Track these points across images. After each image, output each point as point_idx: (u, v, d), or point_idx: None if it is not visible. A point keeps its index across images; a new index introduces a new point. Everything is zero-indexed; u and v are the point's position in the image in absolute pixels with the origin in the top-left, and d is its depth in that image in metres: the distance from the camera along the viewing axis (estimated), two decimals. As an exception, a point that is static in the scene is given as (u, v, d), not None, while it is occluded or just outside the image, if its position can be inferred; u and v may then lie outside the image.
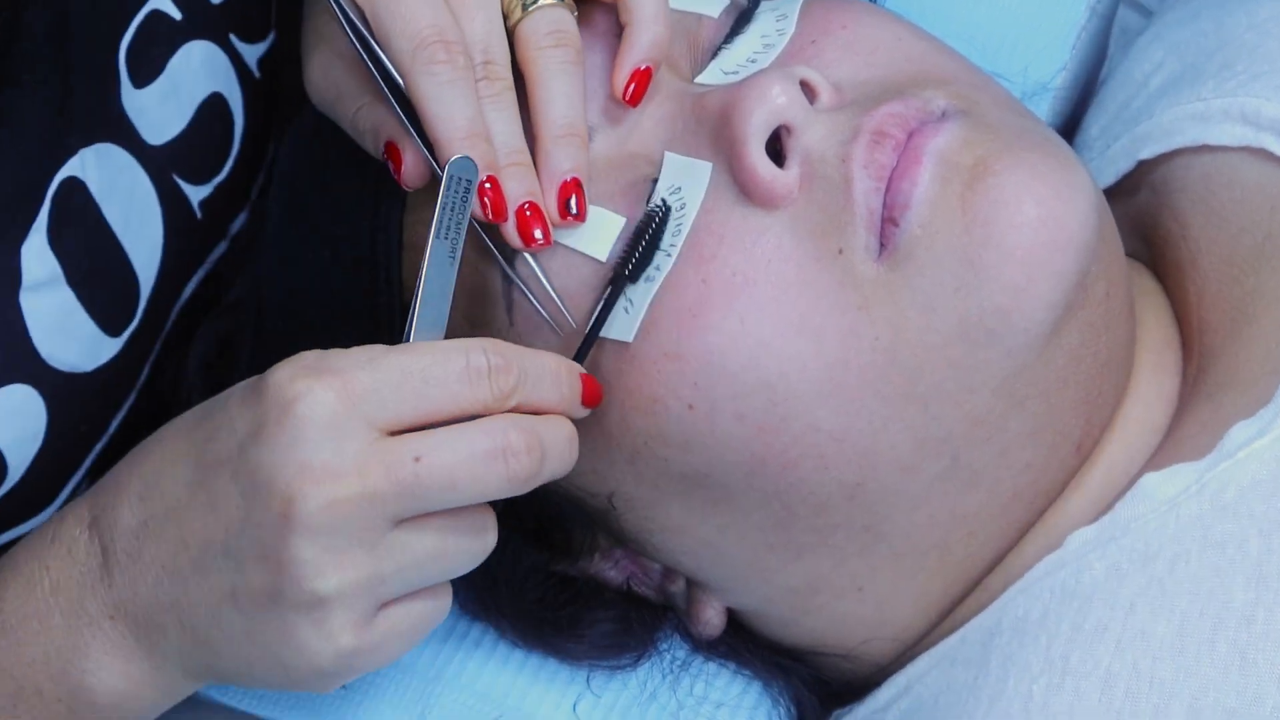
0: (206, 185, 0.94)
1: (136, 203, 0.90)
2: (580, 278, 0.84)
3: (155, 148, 0.91)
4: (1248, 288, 0.90)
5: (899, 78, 0.85)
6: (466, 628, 0.93)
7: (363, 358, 0.77)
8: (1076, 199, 0.81)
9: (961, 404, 0.82)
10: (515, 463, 0.77)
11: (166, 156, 0.91)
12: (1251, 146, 0.92)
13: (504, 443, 0.77)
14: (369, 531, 0.76)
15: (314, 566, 0.76)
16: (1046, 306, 0.81)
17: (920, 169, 0.81)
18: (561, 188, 0.82)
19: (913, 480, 0.83)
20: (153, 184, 0.91)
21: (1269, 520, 0.80)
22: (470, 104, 0.80)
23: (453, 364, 0.77)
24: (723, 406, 0.81)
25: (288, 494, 0.75)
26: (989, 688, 0.81)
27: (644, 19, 0.83)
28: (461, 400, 0.77)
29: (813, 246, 0.81)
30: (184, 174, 0.92)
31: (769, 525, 0.84)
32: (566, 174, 0.82)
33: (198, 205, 0.94)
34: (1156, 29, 1.04)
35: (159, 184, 0.91)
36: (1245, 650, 0.77)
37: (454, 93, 0.79)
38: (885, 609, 0.88)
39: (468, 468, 0.76)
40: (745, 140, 0.81)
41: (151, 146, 0.91)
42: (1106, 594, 0.81)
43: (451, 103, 0.79)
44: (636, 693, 0.91)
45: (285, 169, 0.93)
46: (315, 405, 0.75)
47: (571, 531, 0.90)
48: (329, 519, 0.75)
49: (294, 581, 0.76)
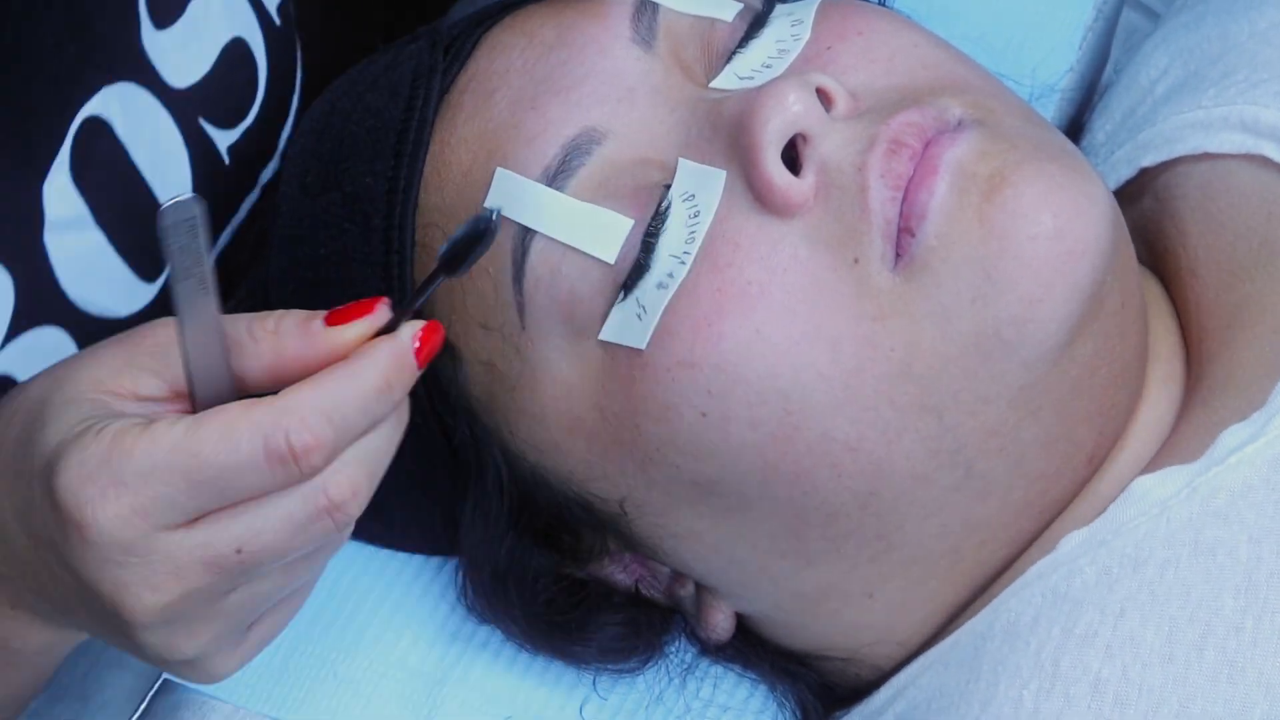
0: (234, 130, 0.93)
1: (162, 146, 0.89)
2: (591, 281, 0.83)
3: (179, 91, 0.89)
4: (1243, 293, 0.90)
5: (915, 85, 0.84)
6: (473, 630, 0.93)
7: (145, 466, 0.70)
8: (1093, 210, 0.81)
9: (976, 414, 0.82)
10: (342, 513, 0.72)
11: (191, 100, 0.90)
12: (1251, 154, 0.92)
13: (325, 504, 0.71)
14: (208, 608, 0.73)
15: (168, 647, 0.74)
16: (1063, 318, 0.80)
17: (937, 179, 0.81)
18: None
19: (926, 489, 0.83)
20: (178, 127, 0.89)
21: (1260, 527, 0.80)
22: None
23: (250, 459, 0.69)
24: (737, 415, 0.81)
25: (115, 604, 0.72)
26: (980, 692, 0.82)
27: None
28: (267, 488, 0.71)
29: (828, 256, 0.81)
30: (210, 118, 0.91)
31: (781, 532, 0.85)
32: None
33: (225, 151, 0.93)
34: (1163, 33, 1.04)
35: (184, 128, 0.90)
36: (1234, 658, 0.77)
37: None
38: (894, 615, 0.88)
39: (291, 538, 0.71)
40: (761, 148, 0.81)
41: (175, 89, 0.89)
42: (1097, 598, 0.81)
43: None
44: (642, 696, 0.92)
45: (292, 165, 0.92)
46: (107, 528, 0.70)
47: (581, 535, 0.90)
48: (163, 617, 0.72)
49: (157, 655, 0.75)
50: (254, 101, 0.94)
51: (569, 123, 0.85)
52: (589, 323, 0.84)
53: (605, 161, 0.84)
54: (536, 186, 0.84)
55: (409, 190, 0.87)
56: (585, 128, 0.85)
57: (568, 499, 0.87)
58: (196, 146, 0.91)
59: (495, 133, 0.87)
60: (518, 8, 0.92)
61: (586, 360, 0.84)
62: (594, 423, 0.85)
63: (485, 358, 0.87)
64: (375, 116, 0.89)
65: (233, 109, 0.93)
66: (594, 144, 0.85)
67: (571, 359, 0.85)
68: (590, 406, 0.85)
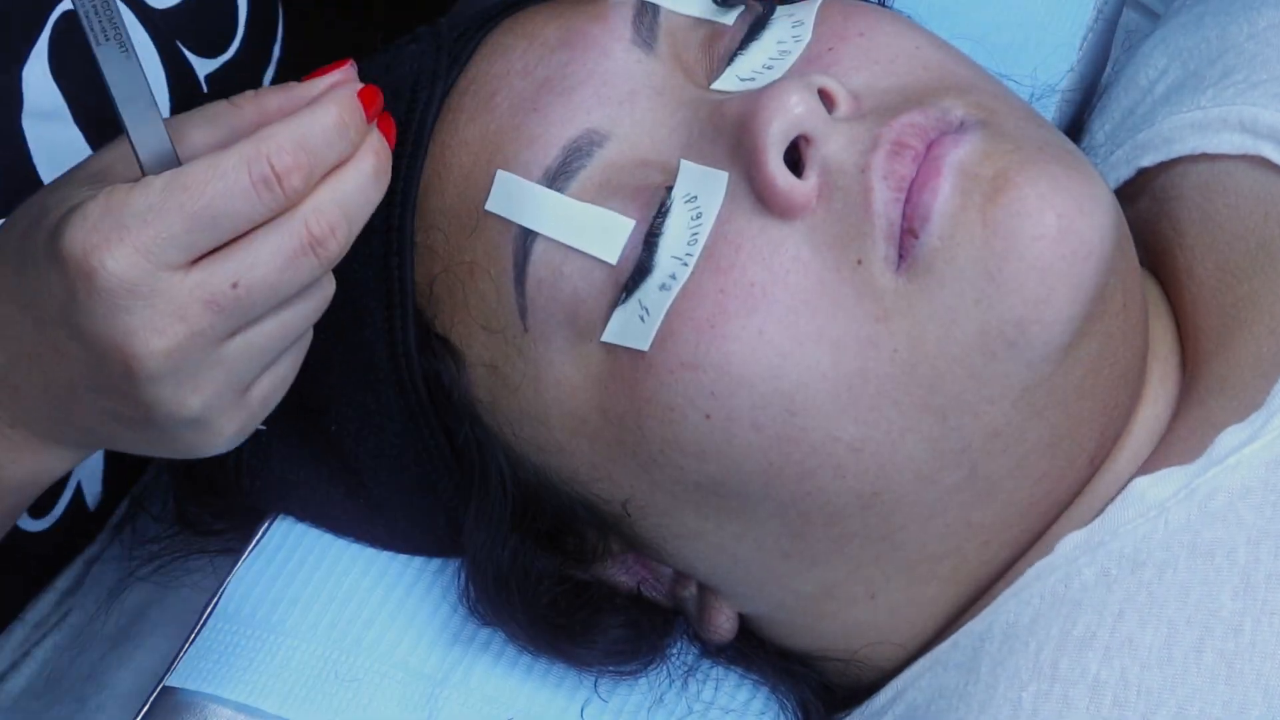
0: (213, 60, 0.94)
1: None
2: (593, 282, 0.83)
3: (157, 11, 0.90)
4: (1240, 293, 0.90)
5: (917, 87, 0.84)
6: (474, 632, 0.92)
7: (142, 207, 0.75)
8: (1096, 211, 0.81)
9: (980, 415, 0.82)
10: (324, 249, 0.77)
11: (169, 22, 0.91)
12: (1249, 154, 0.92)
13: (307, 238, 0.77)
14: (210, 353, 0.77)
15: (174, 400, 0.77)
16: (1067, 318, 0.80)
17: (940, 180, 0.81)
18: None
19: (929, 490, 0.83)
20: (154, 44, 0.90)
21: (1258, 529, 0.80)
22: None
23: (238, 185, 0.75)
24: (740, 416, 0.81)
25: (123, 355, 0.76)
26: (979, 694, 0.82)
27: None
28: (255, 216, 0.76)
29: (831, 257, 0.81)
30: (189, 44, 0.92)
31: (785, 533, 0.85)
32: None
33: (204, 79, 0.93)
34: (1162, 34, 1.04)
35: (161, 47, 0.91)
36: (1232, 660, 0.77)
37: None
38: (896, 615, 0.88)
39: (281, 272, 0.77)
40: (763, 150, 0.81)
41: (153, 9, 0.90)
42: (1095, 600, 0.81)
43: None
44: (644, 698, 0.91)
45: None
46: (114, 269, 0.75)
47: (584, 536, 0.90)
48: (169, 364, 0.76)
49: (162, 414, 0.78)
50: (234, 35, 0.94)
51: (570, 124, 0.85)
52: (591, 324, 0.84)
53: (606, 163, 0.84)
54: (537, 188, 0.84)
55: (409, 192, 0.87)
56: (586, 130, 0.85)
57: (571, 500, 0.87)
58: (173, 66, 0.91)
59: (496, 135, 0.87)
60: (518, 9, 0.92)
61: (589, 362, 0.84)
62: (597, 424, 0.85)
63: (488, 359, 0.87)
64: None
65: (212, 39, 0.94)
66: (595, 146, 0.85)
67: (574, 360, 0.85)
68: (593, 408, 0.85)
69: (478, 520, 0.89)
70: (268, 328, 0.78)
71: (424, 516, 0.92)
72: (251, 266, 0.76)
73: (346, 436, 0.91)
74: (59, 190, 0.79)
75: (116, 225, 0.75)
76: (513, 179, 0.85)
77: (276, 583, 0.94)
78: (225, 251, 0.76)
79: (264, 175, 0.75)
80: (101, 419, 0.80)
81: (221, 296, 0.76)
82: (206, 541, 0.99)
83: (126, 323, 0.75)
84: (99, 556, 1.10)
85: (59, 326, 0.77)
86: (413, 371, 0.88)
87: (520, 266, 0.84)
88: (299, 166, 0.76)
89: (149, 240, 0.75)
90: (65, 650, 1.07)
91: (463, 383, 0.88)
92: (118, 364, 0.76)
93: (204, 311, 0.76)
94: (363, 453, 0.91)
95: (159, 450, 0.82)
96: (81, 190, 0.78)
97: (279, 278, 0.77)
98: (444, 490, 0.91)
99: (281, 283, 0.77)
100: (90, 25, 0.75)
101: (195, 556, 0.99)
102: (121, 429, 0.80)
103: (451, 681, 0.91)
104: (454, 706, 0.91)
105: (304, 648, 0.92)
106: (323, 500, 0.94)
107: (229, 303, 0.76)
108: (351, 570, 0.95)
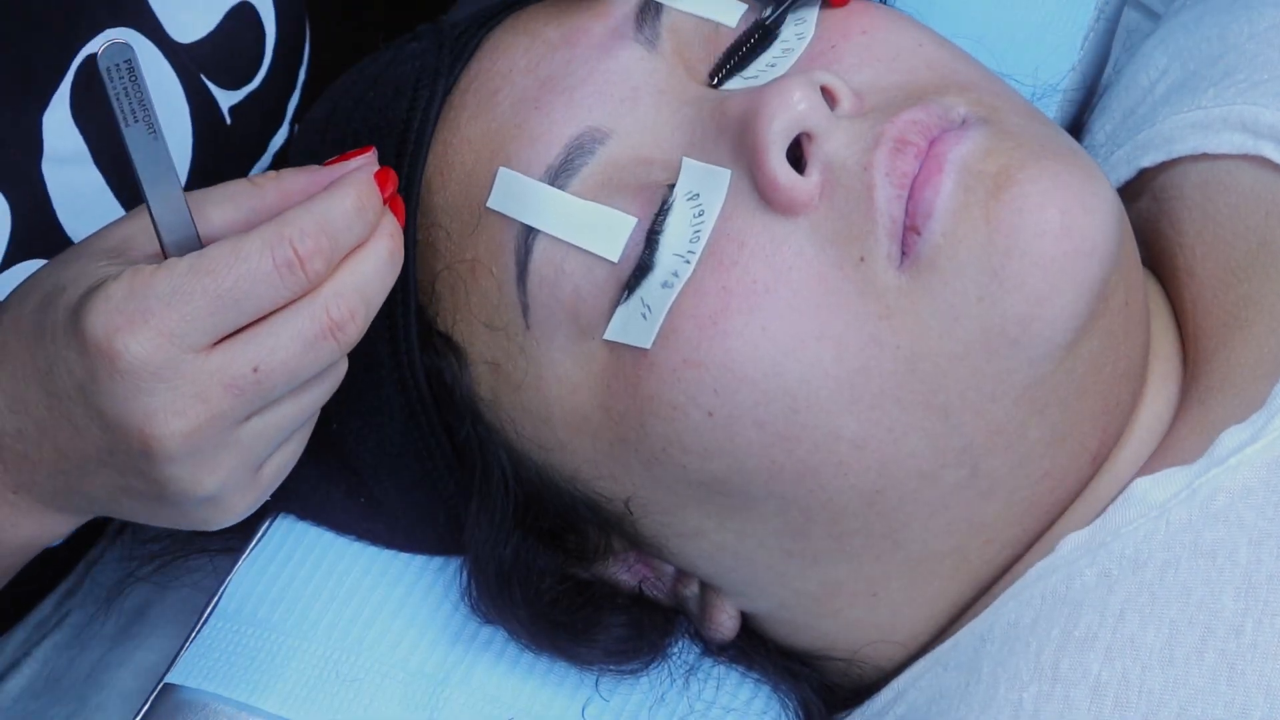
0: (237, 92, 0.93)
1: (162, 94, 0.89)
2: (596, 280, 0.83)
3: (182, 45, 0.90)
4: (1241, 293, 0.90)
5: (920, 84, 0.84)
6: (475, 630, 0.92)
7: (166, 290, 0.76)
8: (1099, 208, 0.81)
9: (982, 413, 0.82)
10: (343, 334, 0.79)
11: (193, 56, 0.91)
12: (1250, 154, 0.92)
13: (328, 323, 0.78)
14: (228, 434, 0.78)
15: (190, 480, 0.78)
16: (1069, 315, 0.80)
17: (943, 177, 0.81)
18: None
19: (932, 488, 0.83)
20: (179, 80, 0.90)
21: (1259, 529, 0.80)
22: None
23: (261, 268, 0.76)
24: (743, 414, 0.81)
25: (143, 435, 0.77)
26: (980, 694, 0.81)
27: None
28: (278, 299, 0.77)
29: (834, 254, 0.81)
30: (213, 76, 0.92)
31: (787, 531, 0.84)
32: None
33: (228, 111, 0.93)
34: (1162, 34, 1.04)
35: (186, 81, 0.90)
36: (1234, 661, 0.77)
37: None
38: (898, 614, 0.88)
39: (301, 356, 0.78)
40: (766, 147, 0.81)
41: (177, 43, 0.90)
42: (1096, 601, 0.81)
43: None
44: (645, 697, 0.91)
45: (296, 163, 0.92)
46: (138, 353, 0.76)
47: (586, 534, 0.90)
48: (188, 445, 0.77)
49: (176, 491, 0.79)
50: (260, 66, 0.94)
51: (572, 122, 0.85)
52: (593, 322, 0.84)
53: (608, 161, 0.84)
54: (539, 186, 0.84)
55: (411, 190, 0.87)
56: (588, 127, 0.85)
57: (573, 498, 0.87)
58: (196, 99, 0.91)
59: (498, 132, 0.87)
60: (520, 7, 0.92)
61: (591, 359, 0.84)
62: (599, 422, 0.85)
63: (490, 357, 0.87)
64: (379, 115, 0.89)
65: (237, 71, 0.93)
66: (597, 143, 0.85)
67: (576, 358, 0.85)
68: (596, 405, 0.85)
69: (479, 518, 0.89)
70: (284, 410, 0.80)
71: (425, 514, 0.92)
72: (272, 350, 0.77)
73: (348, 434, 0.91)
74: (76, 263, 0.80)
75: (140, 308, 0.75)
76: (515, 176, 0.85)
77: (277, 582, 0.94)
78: (246, 334, 0.77)
79: (287, 259, 0.76)
80: (111, 492, 0.81)
81: (242, 380, 0.77)
82: (207, 540, 0.99)
83: (147, 404, 0.76)
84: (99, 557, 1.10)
85: (75, 403, 0.78)
86: (414, 369, 0.88)
87: (522, 264, 0.84)
88: (320, 251, 0.77)
89: (173, 324, 0.75)
90: (65, 650, 1.07)
91: (464, 380, 0.88)
92: (136, 443, 0.77)
93: (225, 394, 0.77)
94: (364, 451, 0.91)
95: (166, 522, 0.82)
96: (101, 266, 0.78)
97: (299, 362, 0.78)
98: (445, 488, 0.91)
99: (301, 367, 0.78)
100: (120, 107, 0.74)
101: (195, 556, 0.99)
102: (131, 501, 0.81)
103: (453, 680, 0.91)
104: (455, 705, 0.91)
105: (305, 646, 0.92)
106: (323, 498, 0.94)
107: (249, 386, 0.77)
108: (352, 569, 0.95)
